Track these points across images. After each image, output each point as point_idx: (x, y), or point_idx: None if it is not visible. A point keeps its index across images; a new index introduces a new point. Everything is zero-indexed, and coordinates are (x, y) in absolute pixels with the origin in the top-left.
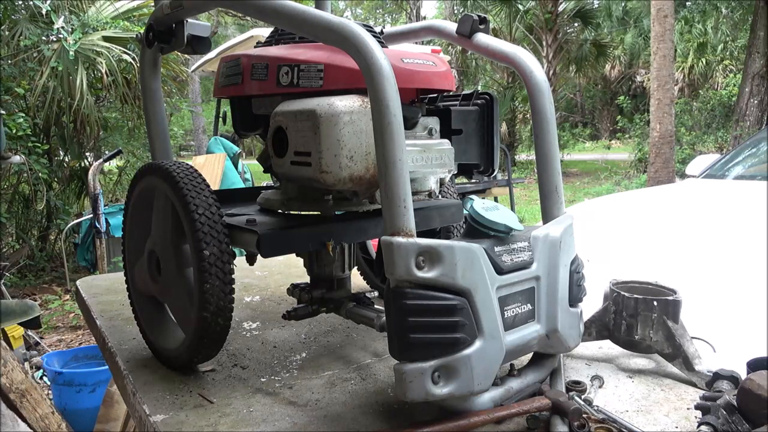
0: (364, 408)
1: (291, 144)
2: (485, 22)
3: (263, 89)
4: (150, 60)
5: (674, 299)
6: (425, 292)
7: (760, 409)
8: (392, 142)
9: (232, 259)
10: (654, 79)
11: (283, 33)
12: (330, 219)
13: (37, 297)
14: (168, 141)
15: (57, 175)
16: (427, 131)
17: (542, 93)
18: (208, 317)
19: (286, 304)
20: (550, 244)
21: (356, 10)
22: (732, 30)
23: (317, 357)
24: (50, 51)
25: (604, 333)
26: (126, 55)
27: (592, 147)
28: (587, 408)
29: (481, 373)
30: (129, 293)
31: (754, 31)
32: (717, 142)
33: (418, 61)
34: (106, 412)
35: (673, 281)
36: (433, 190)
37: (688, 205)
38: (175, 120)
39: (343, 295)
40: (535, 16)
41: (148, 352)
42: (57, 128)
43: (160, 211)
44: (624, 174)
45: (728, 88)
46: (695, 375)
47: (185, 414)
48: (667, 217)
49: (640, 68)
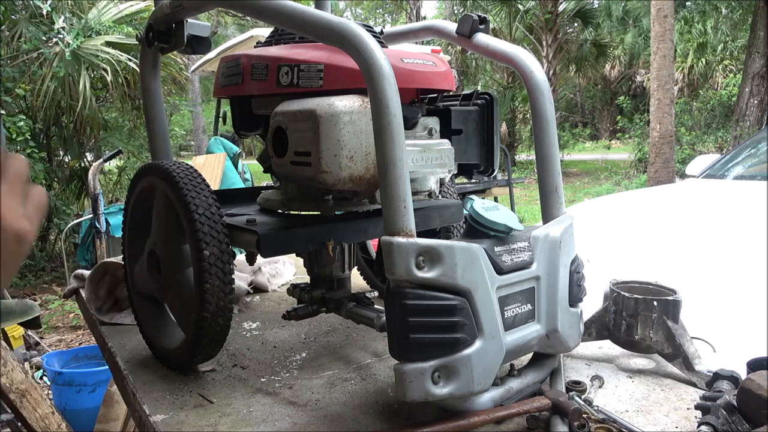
0: (364, 408)
1: (291, 144)
2: (485, 22)
3: (263, 89)
4: (150, 60)
5: (674, 299)
6: (425, 292)
7: (760, 409)
8: (392, 142)
9: (232, 259)
10: (654, 79)
11: (283, 33)
12: (330, 219)
13: (37, 297)
14: (168, 141)
15: (57, 176)
16: (427, 131)
17: (542, 93)
18: (208, 317)
19: (286, 304)
20: (550, 244)
21: (356, 10)
22: (732, 30)
23: (317, 357)
24: (51, 54)
25: (604, 333)
26: (131, 62)
27: (592, 147)
28: (587, 408)
29: (481, 373)
30: (129, 293)
31: (754, 31)
32: (717, 142)
33: (418, 61)
34: (106, 412)
35: (673, 281)
36: (433, 190)
37: (688, 205)
38: (175, 120)
39: (343, 295)
40: (535, 16)
41: (148, 352)
42: (57, 128)
43: (160, 211)
44: (624, 174)
45: (728, 88)
46: (695, 375)
47: (185, 414)
48: (667, 217)
49: (640, 68)
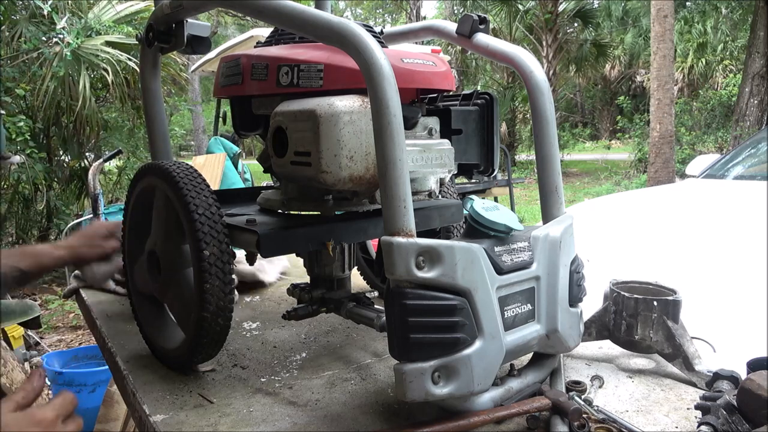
0: (364, 408)
1: (291, 144)
2: (485, 22)
3: (263, 89)
4: (150, 60)
5: (674, 299)
6: (425, 292)
7: (760, 409)
8: (392, 142)
9: (232, 259)
10: (654, 79)
11: (283, 33)
12: (330, 219)
13: (37, 297)
14: (168, 141)
15: (57, 175)
16: (427, 131)
17: (542, 93)
18: (208, 317)
19: (286, 304)
20: (550, 244)
21: (356, 10)
22: (732, 30)
23: (317, 357)
24: (51, 54)
25: (604, 333)
26: (131, 62)
27: (592, 147)
28: (587, 408)
29: (481, 373)
30: (129, 293)
31: (754, 31)
32: (717, 142)
33: (418, 61)
34: (106, 412)
35: (673, 281)
36: (433, 190)
37: (688, 205)
38: (175, 120)
39: (343, 295)
40: (535, 16)
41: (148, 352)
42: (57, 128)
43: (160, 211)
44: (624, 174)
45: (728, 88)
46: (695, 375)
47: (185, 414)
48: (667, 217)
49: (640, 68)
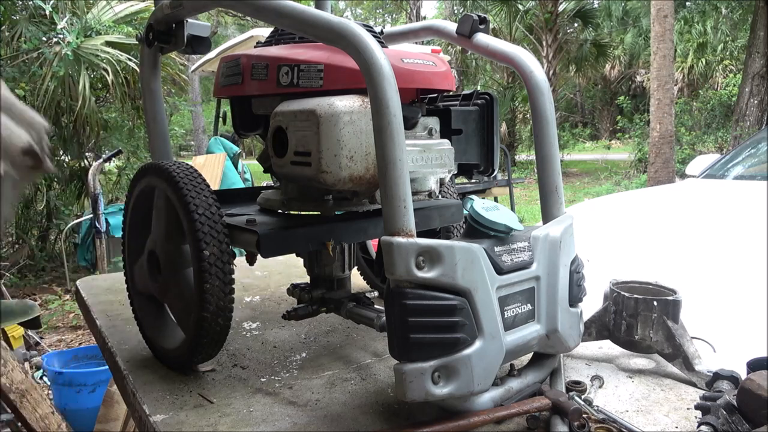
0: (364, 408)
1: (291, 144)
2: (485, 22)
3: (263, 89)
4: (150, 60)
5: (674, 299)
6: (425, 292)
7: (760, 409)
8: (392, 142)
9: (232, 259)
10: (654, 79)
11: (283, 33)
12: (330, 219)
13: (37, 297)
14: (168, 141)
15: (57, 176)
16: (427, 131)
17: (542, 93)
18: (208, 317)
19: (286, 304)
20: (550, 244)
21: (356, 10)
22: (732, 30)
23: (317, 357)
24: (51, 54)
25: (604, 333)
26: (131, 62)
27: (592, 147)
28: (587, 408)
29: (481, 373)
30: (129, 293)
31: (754, 31)
32: (717, 142)
33: (418, 61)
34: (106, 412)
35: (673, 281)
36: (433, 190)
37: (688, 205)
38: (175, 120)
39: (343, 295)
40: (535, 16)
41: (148, 352)
42: (57, 128)
43: (160, 211)
44: (624, 174)
45: (728, 88)
46: (695, 375)
47: (185, 414)
48: (667, 217)
49: (640, 68)
